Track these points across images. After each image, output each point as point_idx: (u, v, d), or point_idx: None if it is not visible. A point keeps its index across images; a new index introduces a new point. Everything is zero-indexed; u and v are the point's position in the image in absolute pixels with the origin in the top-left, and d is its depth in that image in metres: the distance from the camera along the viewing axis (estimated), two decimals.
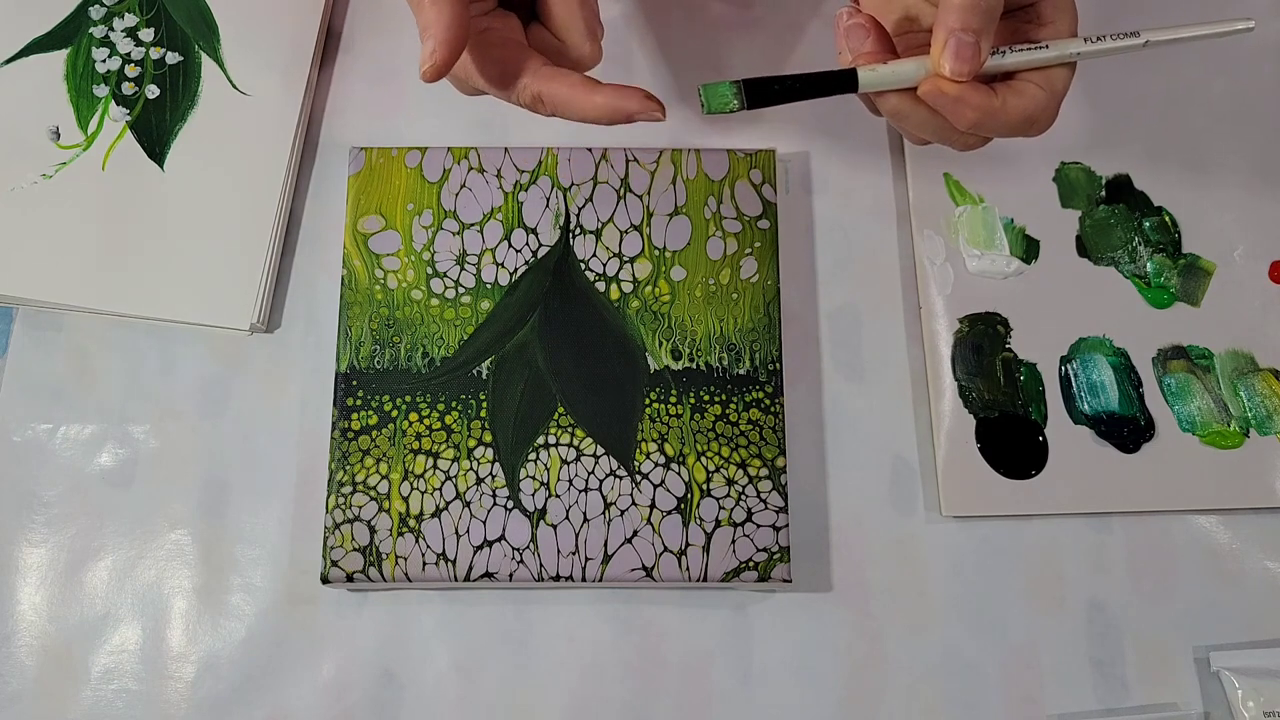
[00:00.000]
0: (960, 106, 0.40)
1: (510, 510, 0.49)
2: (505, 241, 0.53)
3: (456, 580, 0.48)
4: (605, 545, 0.49)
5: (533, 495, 0.49)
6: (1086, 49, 0.42)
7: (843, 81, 0.41)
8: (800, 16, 0.60)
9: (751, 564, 0.49)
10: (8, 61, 0.57)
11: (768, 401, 0.51)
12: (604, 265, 0.53)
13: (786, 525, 0.49)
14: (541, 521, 0.49)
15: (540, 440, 0.50)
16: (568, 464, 0.50)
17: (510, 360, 0.51)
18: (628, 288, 0.53)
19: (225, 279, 0.54)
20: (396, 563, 0.49)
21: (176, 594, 0.51)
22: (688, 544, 0.49)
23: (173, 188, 0.55)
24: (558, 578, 0.49)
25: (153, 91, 0.57)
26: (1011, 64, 0.42)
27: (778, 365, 0.52)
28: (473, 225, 0.54)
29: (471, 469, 0.50)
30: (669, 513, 0.49)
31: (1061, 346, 0.54)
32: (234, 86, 0.57)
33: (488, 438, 0.50)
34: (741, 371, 0.51)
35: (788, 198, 0.57)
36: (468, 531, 0.49)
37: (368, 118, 0.57)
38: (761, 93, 0.41)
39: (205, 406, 0.53)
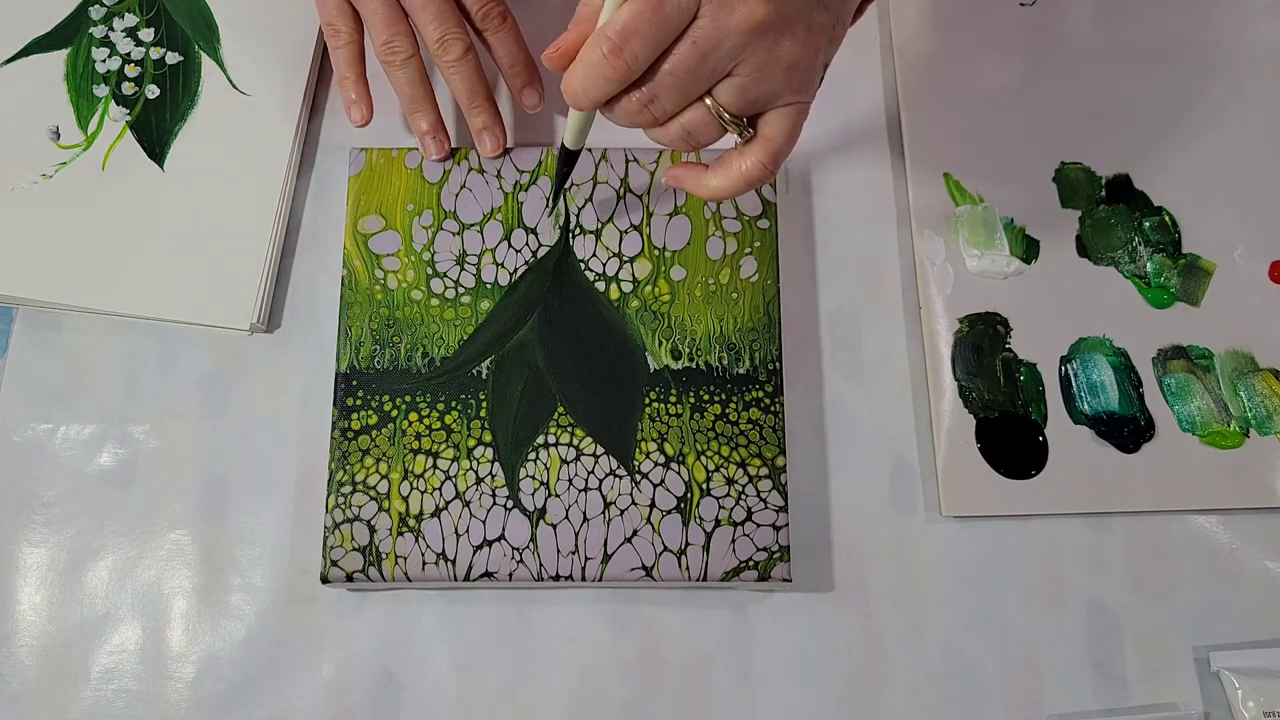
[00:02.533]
0: (689, 185, 0.45)
1: (510, 510, 0.49)
2: (505, 241, 0.53)
3: (456, 580, 0.48)
4: (605, 545, 0.49)
5: (532, 495, 0.49)
6: None
7: (568, 155, 0.48)
8: None
9: (751, 563, 0.49)
10: (8, 61, 0.57)
11: (767, 401, 0.51)
12: (604, 265, 0.53)
13: (786, 525, 0.49)
14: (541, 521, 0.49)
15: (540, 440, 0.50)
16: (567, 464, 0.50)
17: (510, 360, 0.51)
18: (627, 287, 0.53)
19: (225, 279, 0.54)
20: (396, 562, 0.49)
21: (176, 594, 0.51)
22: (687, 543, 0.49)
23: (173, 188, 0.55)
24: (557, 577, 0.48)
25: (153, 91, 0.57)
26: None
27: (777, 365, 0.52)
28: (473, 225, 0.54)
29: (471, 469, 0.50)
30: (669, 512, 0.49)
31: (1061, 346, 0.54)
32: (234, 86, 0.57)
33: (487, 437, 0.50)
34: (741, 371, 0.51)
35: (788, 198, 0.57)
36: (467, 531, 0.49)
37: None
38: (556, 196, 0.53)
39: (205, 406, 0.53)
